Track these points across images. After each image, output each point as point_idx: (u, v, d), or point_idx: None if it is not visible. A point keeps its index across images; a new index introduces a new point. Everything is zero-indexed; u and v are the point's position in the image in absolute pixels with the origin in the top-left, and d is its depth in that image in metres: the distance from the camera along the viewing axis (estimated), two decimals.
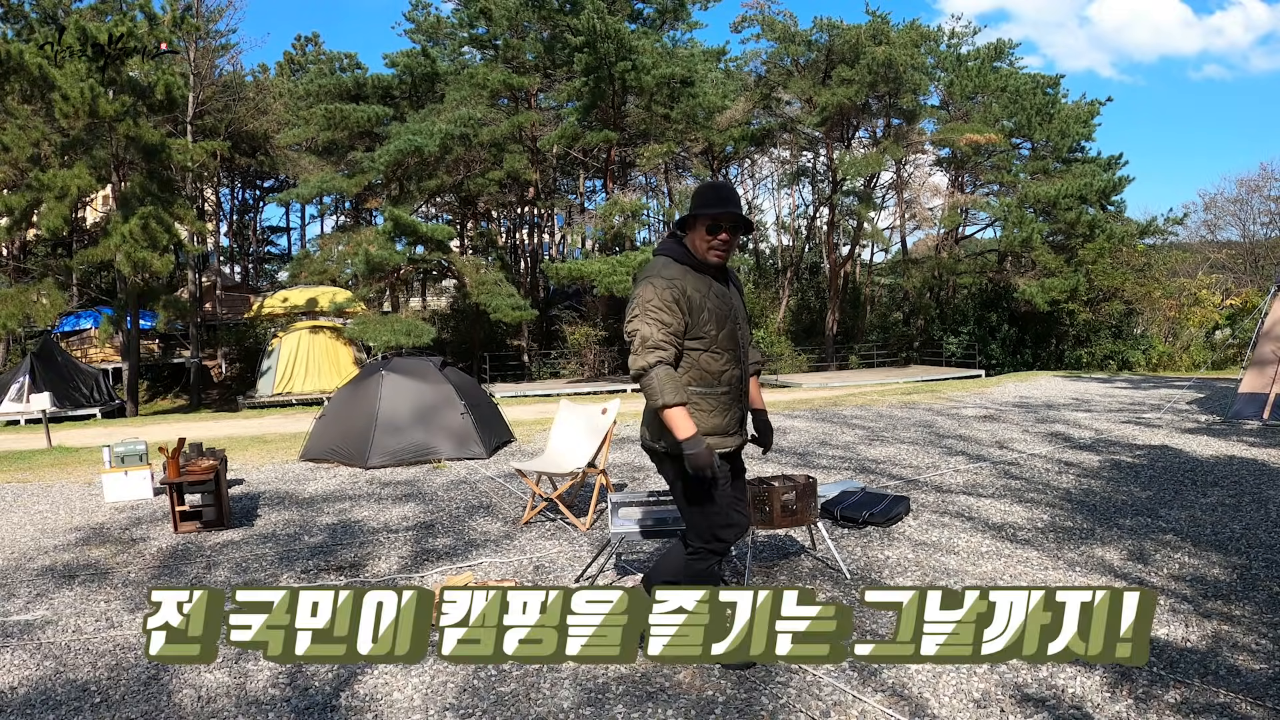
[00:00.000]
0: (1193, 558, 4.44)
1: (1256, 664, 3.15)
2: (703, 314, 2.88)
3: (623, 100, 23.68)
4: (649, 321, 2.82)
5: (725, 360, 2.95)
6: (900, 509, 5.38)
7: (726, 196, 2.95)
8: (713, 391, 2.95)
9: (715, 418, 2.97)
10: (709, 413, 2.95)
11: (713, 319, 2.91)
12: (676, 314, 2.83)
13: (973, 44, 28.98)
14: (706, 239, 2.91)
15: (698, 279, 2.92)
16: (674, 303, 2.83)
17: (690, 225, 2.96)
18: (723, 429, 2.99)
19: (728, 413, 2.99)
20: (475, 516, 5.85)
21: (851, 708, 2.90)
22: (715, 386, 2.95)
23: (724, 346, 2.94)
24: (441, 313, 31.00)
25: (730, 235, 2.93)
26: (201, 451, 6.22)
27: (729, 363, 2.97)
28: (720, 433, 2.98)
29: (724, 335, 2.94)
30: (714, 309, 2.92)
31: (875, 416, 10.86)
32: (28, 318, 18.42)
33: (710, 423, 2.95)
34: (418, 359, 9.04)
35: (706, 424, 2.94)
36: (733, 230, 2.93)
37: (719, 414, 2.97)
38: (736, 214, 2.91)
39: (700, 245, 2.93)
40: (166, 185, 19.67)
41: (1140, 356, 24.02)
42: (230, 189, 36.27)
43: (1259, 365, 9.64)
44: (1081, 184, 24.41)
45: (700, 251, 2.93)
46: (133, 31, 18.21)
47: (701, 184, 3.13)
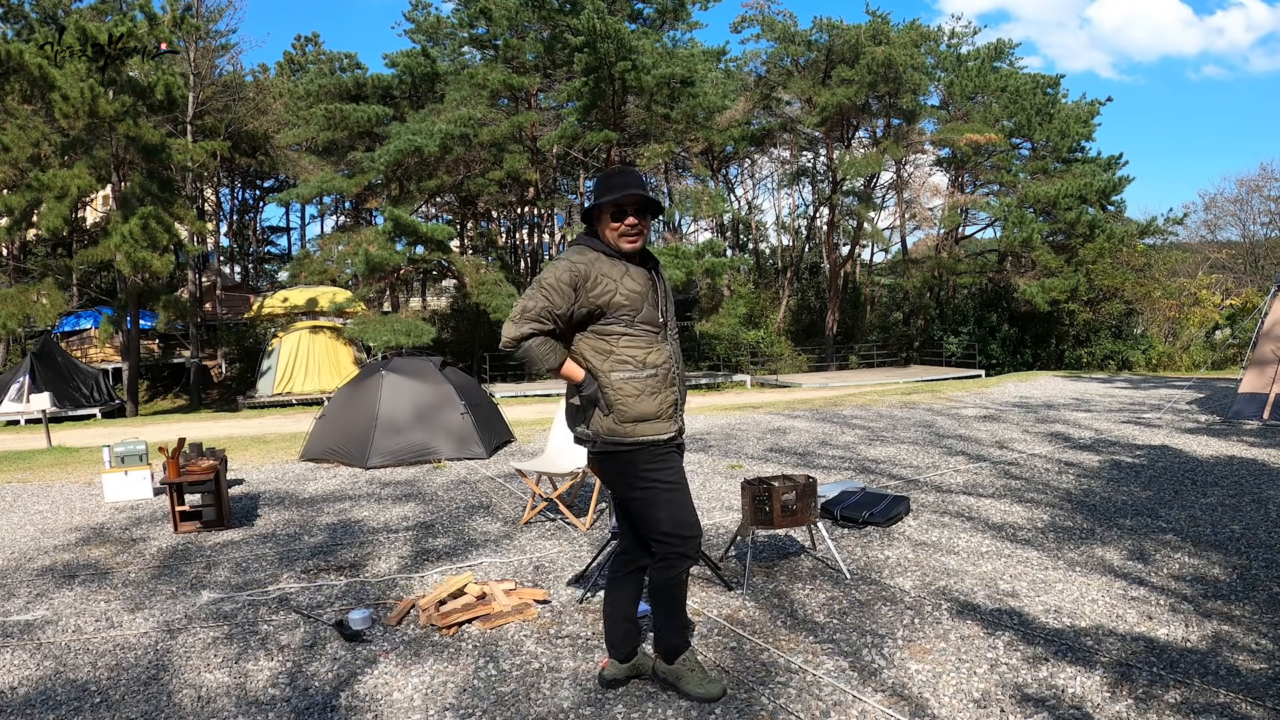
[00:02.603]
0: (1193, 558, 4.44)
1: (1256, 664, 3.14)
2: (616, 295, 2.79)
3: (623, 100, 23.67)
4: (534, 295, 2.78)
5: (646, 341, 2.86)
6: (900, 509, 5.38)
7: (626, 180, 2.82)
8: (637, 376, 2.83)
9: (643, 402, 2.84)
10: (635, 397, 2.83)
11: (629, 300, 2.82)
12: (566, 296, 2.76)
13: (973, 44, 29.00)
14: (614, 227, 2.81)
15: (610, 263, 2.82)
16: (568, 285, 2.77)
17: (596, 218, 2.86)
18: (653, 414, 2.85)
19: (656, 396, 2.85)
20: (475, 516, 5.84)
21: (851, 708, 2.90)
22: (640, 370, 2.83)
23: (644, 328, 2.85)
24: (441, 313, 31.01)
25: (638, 218, 2.82)
26: (201, 451, 6.22)
27: (652, 344, 2.86)
28: (651, 418, 2.85)
29: (642, 318, 2.84)
30: (629, 291, 2.82)
31: (875, 416, 10.86)
32: (28, 318, 18.41)
33: (638, 408, 2.83)
34: (418, 359, 9.04)
35: (634, 409, 2.83)
36: (640, 213, 2.82)
37: (647, 397, 2.84)
38: (639, 195, 2.79)
39: (609, 235, 2.83)
40: (166, 185, 19.66)
41: (1140, 356, 24.02)
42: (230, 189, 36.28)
43: (1259, 365, 9.64)
44: (1081, 184, 24.42)
45: (612, 241, 2.83)
46: (133, 31, 18.20)
47: (600, 174, 2.99)
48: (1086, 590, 3.98)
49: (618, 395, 2.82)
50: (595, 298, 2.79)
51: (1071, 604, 3.81)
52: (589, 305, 2.80)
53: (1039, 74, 27.87)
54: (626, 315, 2.82)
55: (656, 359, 2.87)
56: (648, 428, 2.85)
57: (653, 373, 2.86)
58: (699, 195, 24.60)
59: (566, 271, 2.78)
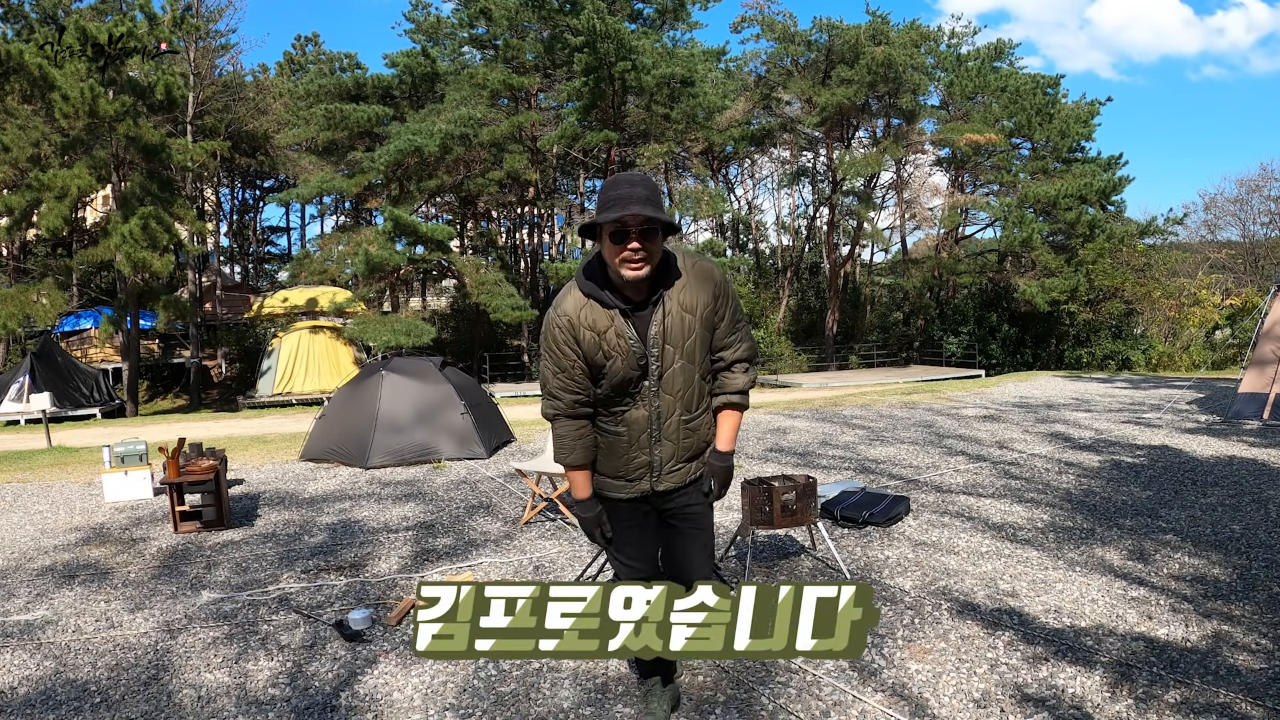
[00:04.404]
0: (1193, 558, 4.44)
1: (1256, 664, 3.14)
2: (598, 354, 2.41)
3: (623, 100, 23.68)
4: (546, 365, 2.48)
5: (622, 398, 2.48)
6: (900, 509, 5.38)
7: (626, 194, 2.26)
8: (608, 430, 2.53)
9: (609, 459, 2.56)
10: (603, 452, 2.55)
11: (613, 354, 2.41)
12: (569, 355, 2.42)
13: (973, 44, 28.98)
14: (614, 250, 2.29)
15: (597, 313, 2.39)
16: (564, 345, 2.41)
17: (596, 236, 2.35)
18: (615, 471, 2.56)
19: (623, 457, 2.53)
20: (475, 516, 5.85)
21: (851, 708, 2.90)
22: (614, 425, 2.51)
23: (620, 383, 2.44)
24: (441, 313, 31.01)
25: (642, 240, 2.27)
26: (201, 451, 6.22)
27: (627, 401, 2.48)
28: (613, 474, 2.57)
29: (619, 370, 2.41)
30: (613, 345, 2.40)
31: (875, 416, 10.86)
32: (28, 318, 18.41)
33: (604, 463, 2.57)
34: (418, 359, 9.04)
35: (601, 464, 2.58)
36: (645, 234, 2.27)
37: (614, 455, 2.54)
38: (642, 214, 2.23)
39: (611, 259, 2.32)
40: (166, 185, 19.66)
41: (1140, 356, 24.02)
42: (230, 189, 36.26)
43: (1259, 365, 9.64)
44: (1081, 184, 24.42)
45: (613, 266, 2.33)
46: (133, 31, 18.20)
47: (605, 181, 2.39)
48: (1086, 590, 3.98)
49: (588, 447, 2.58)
50: (589, 353, 2.42)
51: (1071, 604, 3.81)
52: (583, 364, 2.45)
53: (1039, 74, 27.88)
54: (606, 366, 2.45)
55: (634, 416, 2.50)
56: (601, 481, 2.60)
57: (623, 431, 2.52)
58: (699, 195, 24.60)
59: (556, 329, 2.43)
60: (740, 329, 2.53)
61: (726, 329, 2.50)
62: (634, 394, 2.47)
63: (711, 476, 2.60)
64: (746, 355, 2.56)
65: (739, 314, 2.54)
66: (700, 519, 2.66)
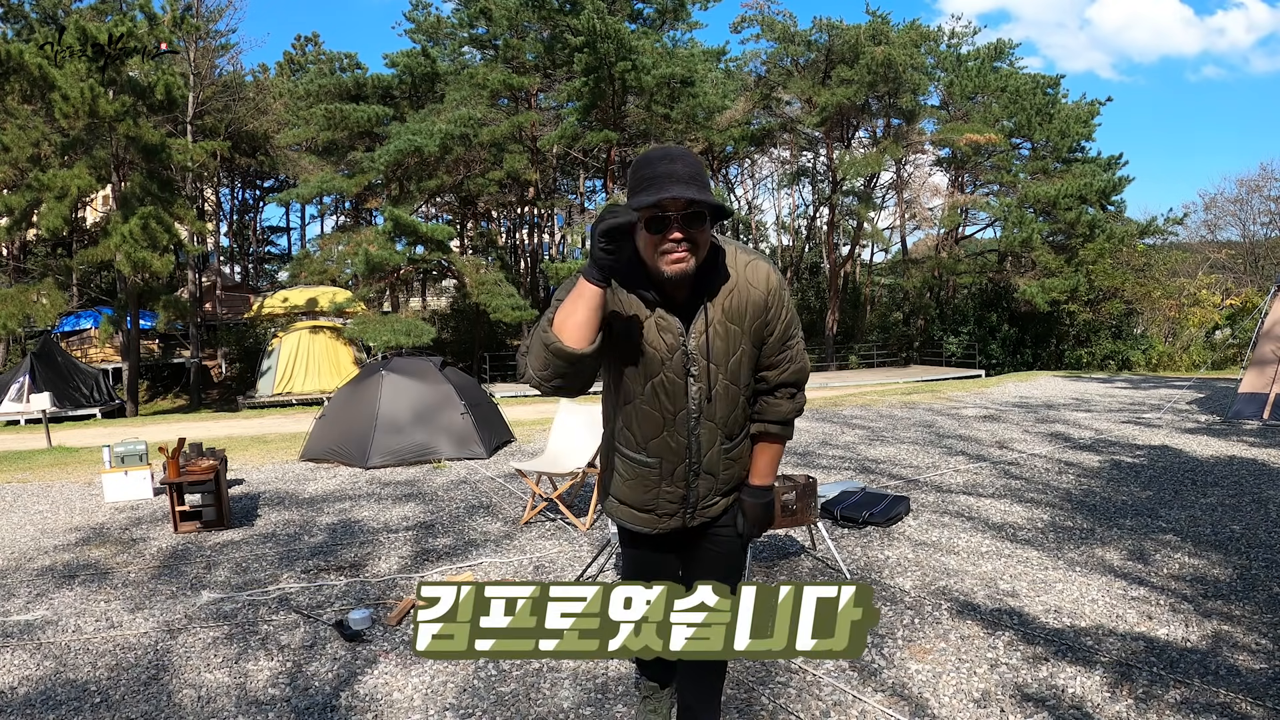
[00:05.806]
0: (1193, 558, 4.44)
1: (1256, 664, 3.14)
2: (633, 334, 1.99)
3: (623, 100, 23.68)
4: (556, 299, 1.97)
5: (657, 422, 2.09)
6: (900, 509, 5.38)
7: (664, 172, 1.83)
8: (634, 458, 2.16)
9: (633, 489, 2.20)
10: (626, 480, 2.20)
11: (649, 349, 2.00)
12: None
13: (973, 44, 29.00)
14: (651, 241, 1.87)
15: (635, 302, 1.99)
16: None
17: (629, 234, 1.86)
18: (640, 503, 2.20)
19: (654, 490, 2.17)
20: (475, 516, 5.84)
21: (851, 708, 2.90)
22: (638, 453, 2.14)
23: (655, 400, 2.06)
24: (441, 313, 31.02)
25: (686, 228, 1.85)
26: (201, 451, 6.22)
27: (662, 426, 2.09)
28: (637, 506, 2.21)
29: (655, 370, 2.02)
30: (653, 339, 1.99)
31: (876, 416, 10.86)
32: (28, 318, 18.42)
33: (627, 492, 2.21)
34: (418, 359, 9.04)
35: (618, 488, 2.23)
36: (689, 220, 1.84)
37: (640, 487, 2.18)
38: (684, 196, 1.81)
39: (649, 253, 1.91)
40: (166, 185, 19.66)
41: (1140, 356, 24.03)
42: (230, 189, 36.28)
43: (1259, 365, 9.64)
44: (1081, 184, 24.43)
45: (650, 260, 1.91)
46: (133, 31, 18.21)
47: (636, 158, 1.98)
48: (1086, 590, 3.98)
49: (608, 461, 2.29)
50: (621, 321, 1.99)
51: (1071, 604, 3.81)
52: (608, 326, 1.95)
53: (1039, 74, 27.90)
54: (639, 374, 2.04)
55: (660, 447, 2.11)
56: (626, 513, 2.24)
57: (654, 465, 2.14)
58: None
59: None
60: (791, 346, 2.13)
61: (776, 345, 2.10)
62: (669, 416, 2.08)
63: (742, 513, 2.26)
64: (794, 379, 2.16)
65: (792, 328, 2.12)
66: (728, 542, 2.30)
